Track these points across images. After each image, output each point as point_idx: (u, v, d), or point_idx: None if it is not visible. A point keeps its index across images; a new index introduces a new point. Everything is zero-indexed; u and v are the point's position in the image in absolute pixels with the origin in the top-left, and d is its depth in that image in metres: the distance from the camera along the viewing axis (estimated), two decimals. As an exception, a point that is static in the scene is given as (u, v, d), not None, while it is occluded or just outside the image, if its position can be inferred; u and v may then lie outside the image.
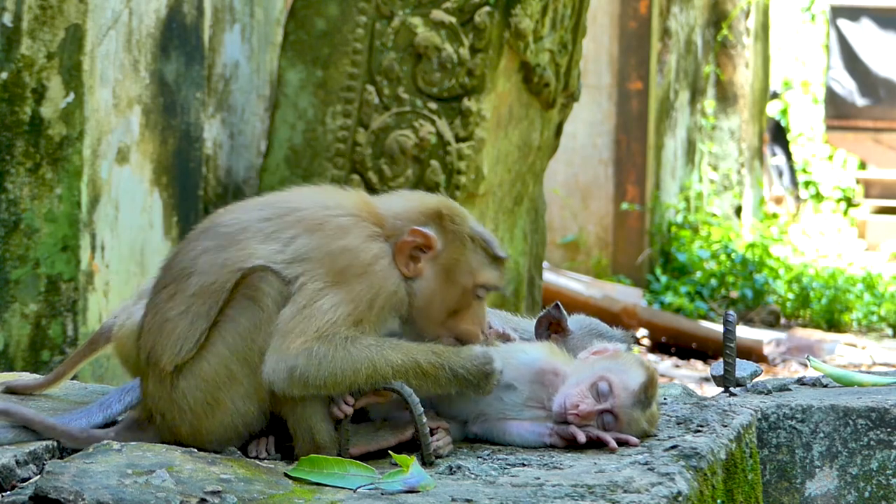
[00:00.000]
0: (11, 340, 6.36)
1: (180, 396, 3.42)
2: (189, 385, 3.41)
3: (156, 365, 3.44)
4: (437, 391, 3.44)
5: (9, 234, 6.37)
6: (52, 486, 3.04)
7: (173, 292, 3.45)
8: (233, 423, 3.43)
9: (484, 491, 3.19)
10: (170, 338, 3.42)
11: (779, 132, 23.89)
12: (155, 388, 3.46)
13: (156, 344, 3.44)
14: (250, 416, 3.44)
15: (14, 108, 6.37)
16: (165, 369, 3.43)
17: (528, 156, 7.80)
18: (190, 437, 3.44)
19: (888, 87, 21.70)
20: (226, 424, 3.43)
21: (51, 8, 6.36)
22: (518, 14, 7.21)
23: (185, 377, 3.42)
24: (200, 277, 3.42)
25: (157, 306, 3.47)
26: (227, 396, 3.41)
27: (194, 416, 3.43)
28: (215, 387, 3.41)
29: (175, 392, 3.43)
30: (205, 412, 3.42)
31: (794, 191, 23.77)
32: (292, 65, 7.36)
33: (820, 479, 4.29)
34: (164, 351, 3.43)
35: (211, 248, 3.46)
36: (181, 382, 3.42)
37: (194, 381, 3.42)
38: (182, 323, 3.41)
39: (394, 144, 7.24)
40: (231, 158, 8.12)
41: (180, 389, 3.42)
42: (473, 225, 3.59)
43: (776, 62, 24.28)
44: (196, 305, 3.41)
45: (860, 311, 14.43)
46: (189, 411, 3.42)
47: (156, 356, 3.44)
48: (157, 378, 3.45)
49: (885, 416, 4.26)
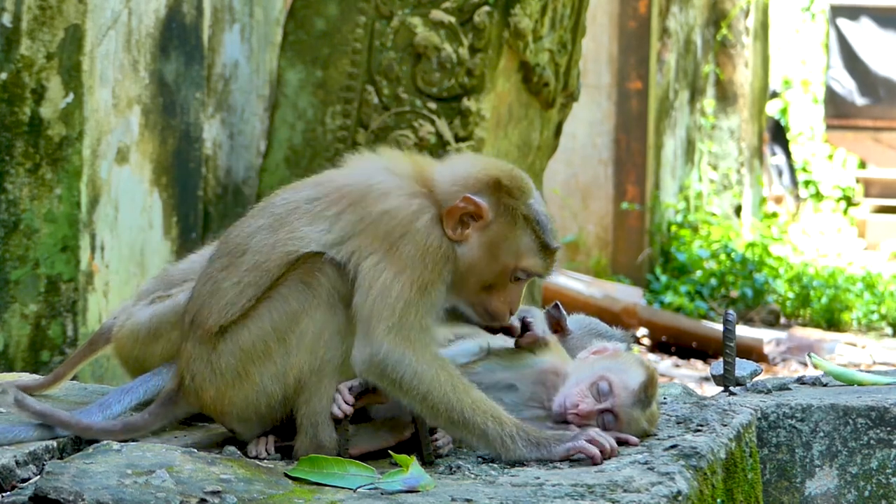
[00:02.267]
0: (11, 341, 6.36)
1: (216, 358, 3.45)
2: (226, 349, 3.44)
3: (200, 326, 3.46)
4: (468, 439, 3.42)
5: (8, 235, 6.37)
6: (52, 486, 3.04)
7: (227, 264, 3.48)
8: (256, 400, 3.45)
9: (484, 491, 3.19)
10: (219, 302, 3.45)
11: (778, 131, 23.89)
12: (193, 349, 3.47)
13: (203, 306, 3.47)
14: (273, 400, 3.45)
15: (14, 108, 6.37)
16: (210, 330, 3.45)
17: (527, 155, 7.80)
18: (213, 404, 3.47)
19: (888, 87, 21.70)
20: (249, 400, 3.45)
21: (50, 8, 6.36)
22: (517, 14, 7.21)
23: (224, 341, 3.44)
24: (254, 256, 3.45)
25: (211, 276, 3.50)
26: (257, 371, 3.43)
27: (223, 381, 3.44)
28: (249, 359, 3.43)
29: (213, 354, 3.45)
30: (233, 381, 3.44)
31: (794, 190, 23.77)
32: (292, 65, 7.36)
33: (820, 479, 4.29)
34: (212, 313, 3.45)
35: (264, 226, 3.47)
36: (220, 345, 3.44)
37: (232, 346, 3.44)
38: (232, 291, 3.45)
39: (393, 144, 7.24)
40: (231, 158, 8.12)
41: (218, 351, 3.45)
42: (534, 204, 3.49)
43: (776, 61, 24.28)
44: (248, 278, 3.44)
45: (860, 310, 14.43)
46: (220, 376, 3.44)
47: (202, 317, 3.46)
48: (197, 339, 3.47)
49: (884, 415, 4.26)
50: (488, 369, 3.62)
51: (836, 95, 21.86)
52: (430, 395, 3.32)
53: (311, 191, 3.49)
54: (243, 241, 3.48)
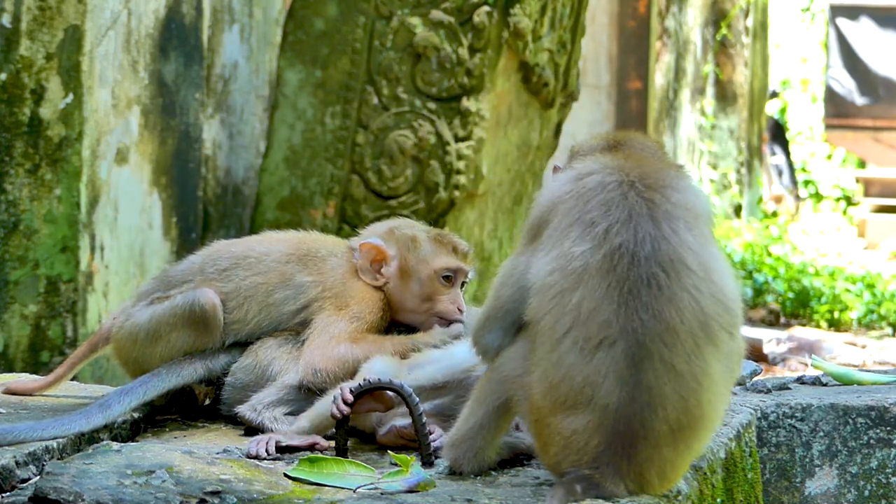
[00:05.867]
0: (11, 341, 6.36)
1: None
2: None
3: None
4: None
5: (8, 235, 6.37)
6: (52, 486, 3.04)
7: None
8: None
9: (484, 491, 3.19)
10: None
11: (778, 131, 23.89)
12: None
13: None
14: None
15: (13, 109, 6.37)
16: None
17: (527, 155, 7.80)
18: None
19: (888, 86, 21.70)
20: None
21: (49, 9, 6.36)
22: (517, 14, 7.21)
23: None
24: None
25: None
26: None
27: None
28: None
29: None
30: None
31: (794, 190, 23.78)
32: (291, 65, 7.36)
33: (820, 478, 4.29)
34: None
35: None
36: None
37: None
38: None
39: (393, 144, 7.24)
40: (230, 159, 8.12)
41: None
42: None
43: (775, 61, 24.28)
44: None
45: (860, 310, 14.43)
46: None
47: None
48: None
49: (884, 414, 4.26)
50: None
51: (836, 95, 21.86)
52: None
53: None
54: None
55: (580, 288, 3.08)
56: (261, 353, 3.89)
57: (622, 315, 3.06)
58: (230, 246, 4.06)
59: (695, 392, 3.06)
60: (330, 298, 3.88)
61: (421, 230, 4.02)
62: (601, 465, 3.04)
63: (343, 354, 3.77)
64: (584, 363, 3.05)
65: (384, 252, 3.95)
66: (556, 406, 3.06)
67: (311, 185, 7.31)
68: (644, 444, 3.04)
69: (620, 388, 3.03)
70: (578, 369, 3.05)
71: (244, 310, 3.90)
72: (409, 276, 3.94)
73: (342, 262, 3.95)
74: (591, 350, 3.05)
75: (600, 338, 3.05)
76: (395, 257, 3.96)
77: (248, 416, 3.79)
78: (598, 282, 3.08)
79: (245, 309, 3.90)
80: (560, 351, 3.06)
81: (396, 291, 3.95)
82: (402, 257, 3.95)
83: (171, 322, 3.89)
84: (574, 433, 3.04)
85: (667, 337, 3.05)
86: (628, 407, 3.03)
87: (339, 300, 3.87)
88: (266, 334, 3.92)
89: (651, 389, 3.04)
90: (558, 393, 3.06)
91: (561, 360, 3.06)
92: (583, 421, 3.03)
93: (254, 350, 3.91)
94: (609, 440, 3.03)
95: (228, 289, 3.92)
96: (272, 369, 3.86)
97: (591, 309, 3.06)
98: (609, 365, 3.03)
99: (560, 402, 3.06)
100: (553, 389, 3.07)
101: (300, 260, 3.95)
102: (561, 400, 3.05)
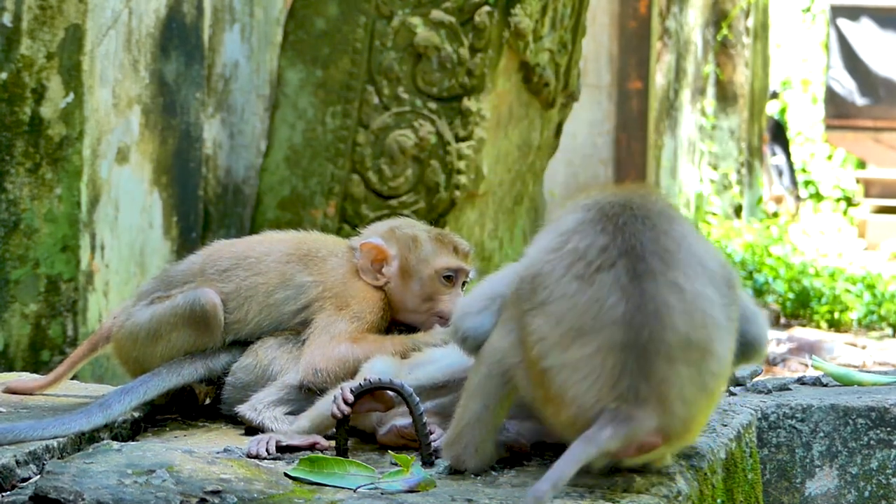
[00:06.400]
0: (11, 340, 6.36)
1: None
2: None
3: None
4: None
5: (9, 235, 6.37)
6: (52, 486, 3.04)
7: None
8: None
9: (484, 491, 3.19)
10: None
11: (778, 131, 23.90)
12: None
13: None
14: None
15: (14, 108, 6.37)
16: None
17: (527, 155, 7.80)
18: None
19: (888, 87, 21.70)
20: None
21: (50, 8, 6.36)
22: (518, 14, 7.21)
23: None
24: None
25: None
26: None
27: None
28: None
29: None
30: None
31: (794, 190, 23.78)
32: (292, 64, 7.36)
33: (820, 479, 4.29)
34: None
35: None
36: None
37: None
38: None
39: (393, 144, 7.24)
40: (231, 158, 8.12)
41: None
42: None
43: (776, 62, 24.28)
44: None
45: (860, 310, 14.43)
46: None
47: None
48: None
49: (884, 415, 4.26)
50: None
51: (836, 95, 21.87)
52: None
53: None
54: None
55: (574, 236, 3.14)
56: (261, 352, 3.89)
57: (619, 240, 3.11)
58: (231, 246, 4.06)
59: (699, 308, 3.08)
60: (330, 298, 3.88)
61: (422, 230, 4.02)
62: (621, 391, 3.01)
63: (343, 354, 3.78)
64: (586, 287, 3.06)
65: (385, 252, 3.95)
66: (563, 341, 3.06)
67: (312, 184, 7.31)
68: (657, 359, 3.02)
69: (626, 300, 3.05)
70: (581, 295, 3.06)
71: (245, 310, 3.90)
72: (410, 276, 3.94)
73: (343, 262, 3.95)
74: (591, 275, 3.07)
75: (599, 262, 3.08)
76: (395, 257, 3.95)
77: (249, 416, 3.79)
78: (591, 226, 3.14)
79: (245, 309, 3.90)
80: (561, 286, 3.09)
81: (397, 291, 3.94)
82: (402, 257, 3.95)
83: (171, 321, 3.89)
84: (587, 361, 3.03)
85: (665, 257, 3.10)
86: (636, 317, 3.03)
87: (340, 300, 3.87)
88: (266, 334, 3.92)
89: (655, 298, 3.05)
90: (563, 326, 3.06)
91: (564, 293, 3.08)
92: (593, 345, 3.03)
93: (254, 350, 3.91)
94: (623, 359, 3.01)
95: (229, 289, 3.92)
96: (272, 369, 3.86)
97: (588, 244, 3.11)
98: (611, 282, 3.06)
99: (567, 335, 3.05)
100: (558, 325, 3.07)
101: (301, 260, 3.95)
102: (567, 332, 3.05)
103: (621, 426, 3.01)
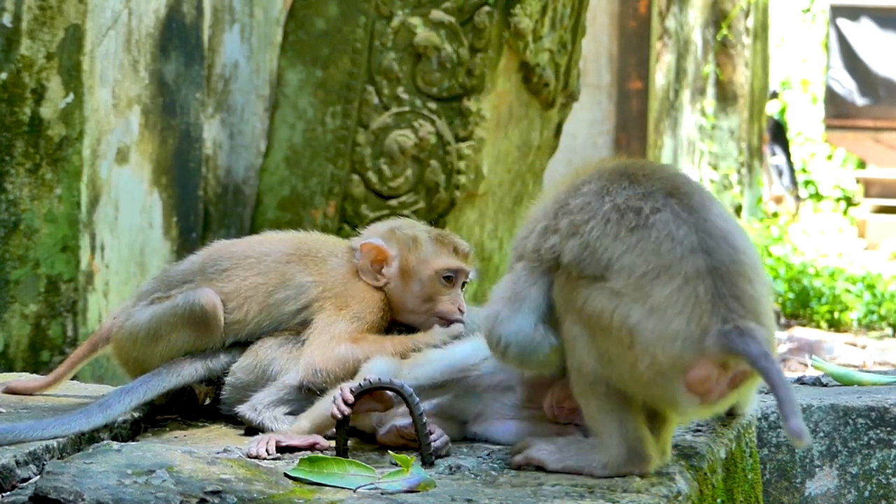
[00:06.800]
0: (11, 341, 6.36)
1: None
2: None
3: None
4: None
5: (9, 235, 6.37)
6: (52, 486, 3.04)
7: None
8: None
9: (484, 491, 3.19)
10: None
11: (778, 131, 23.89)
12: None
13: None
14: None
15: (14, 108, 6.37)
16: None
17: (527, 155, 7.80)
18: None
19: (888, 87, 21.70)
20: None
21: (50, 8, 6.36)
22: (517, 14, 7.21)
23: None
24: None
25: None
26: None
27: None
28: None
29: None
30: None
31: (794, 190, 23.77)
32: (292, 65, 7.36)
33: (820, 479, 4.29)
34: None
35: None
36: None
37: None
38: None
39: (393, 144, 7.24)
40: (231, 158, 8.12)
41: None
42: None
43: (776, 62, 24.28)
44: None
45: (860, 310, 14.42)
46: None
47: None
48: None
49: (884, 415, 4.26)
50: (487, 371, 3.62)
51: (836, 95, 21.86)
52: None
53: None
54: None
55: (603, 199, 3.26)
56: (261, 352, 3.89)
57: (656, 185, 3.26)
58: (231, 246, 4.06)
59: (745, 236, 3.25)
60: (330, 298, 3.88)
61: (422, 230, 4.01)
62: (723, 312, 3.09)
63: (343, 354, 3.78)
64: (646, 232, 3.17)
65: (385, 252, 3.95)
66: (642, 290, 3.11)
67: (312, 184, 7.31)
68: (741, 279, 3.13)
69: (694, 230, 3.16)
70: (644, 241, 3.15)
71: (244, 310, 3.90)
72: (410, 277, 3.93)
73: (343, 262, 3.95)
74: (645, 221, 3.19)
75: (647, 208, 3.21)
76: (395, 258, 3.95)
77: (249, 416, 3.79)
78: (617, 184, 3.27)
79: (245, 309, 3.90)
80: (619, 243, 3.17)
81: (397, 292, 3.94)
82: (402, 258, 3.95)
83: (171, 322, 3.89)
84: (677, 295, 3.10)
85: (703, 193, 3.28)
86: (709, 243, 3.15)
87: (340, 300, 3.87)
88: (266, 334, 3.92)
89: (717, 226, 3.20)
90: (636, 275, 3.12)
91: (626, 247, 3.16)
92: (678, 278, 3.11)
93: (254, 350, 3.91)
94: (712, 283, 3.11)
95: (229, 289, 3.92)
96: (272, 369, 3.86)
97: (624, 199, 3.24)
98: (671, 219, 3.18)
99: (643, 282, 3.12)
100: (629, 278, 3.13)
101: (301, 260, 3.95)
102: (642, 279, 3.12)
103: (754, 335, 3.07)
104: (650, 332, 3.09)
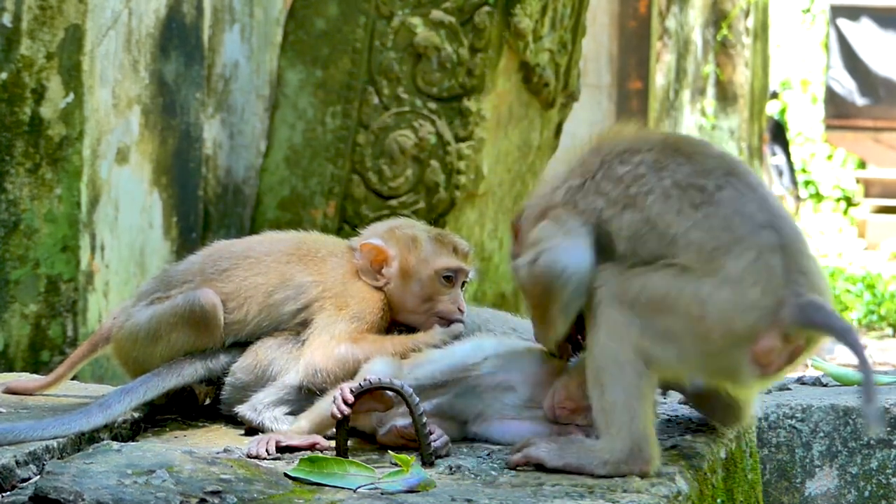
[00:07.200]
0: (11, 341, 6.36)
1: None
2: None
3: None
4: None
5: (9, 235, 6.37)
6: (52, 486, 3.04)
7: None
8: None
9: (484, 491, 3.19)
10: None
11: (778, 132, 23.89)
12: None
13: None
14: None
15: (14, 108, 6.37)
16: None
17: (527, 155, 7.80)
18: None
19: (888, 87, 21.70)
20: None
21: (50, 8, 6.36)
22: (518, 14, 7.21)
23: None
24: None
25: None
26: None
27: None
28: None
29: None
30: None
31: (794, 190, 23.78)
32: (292, 65, 7.36)
33: (820, 479, 4.29)
34: None
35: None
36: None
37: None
38: None
39: (393, 144, 7.24)
40: (231, 158, 8.11)
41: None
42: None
43: (776, 62, 24.28)
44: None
45: (860, 310, 14.43)
46: None
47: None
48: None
49: (884, 415, 4.26)
50: (488, 371, 3.62)
51: (836, 95, 21.87)
52: None
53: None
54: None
55: (659, 174, 3.30)
56: (261, 353, 3.89)
57: (712, 162, 3.32)
58: (231, 246, 4.06)
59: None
60: (330, 298, 3.88)
61: (421, 230, 4.01)
62: (794, 285, 3.18)
63: (343, 354, 3.78)
64: (713, 209, 3.23)
65: (385, 252, 3.95)
66: (713, 263, 3.17)
67: (312, 184, 7.31)
68: (802, 256, 3.25)
69: (761, 207, 3.24)
70: (712, 217, 3.22)
71: (244, 310, 3.90)
72: (410, 277, 3.93)
73: (343, 262, 3.95)
74: (709, 197, 3.24)
75: (709, 185, 3.27)
76: (395, 257, 3.95)
77: (249, 416, 3.79)
78: (671, 160, 3.33)
79: (245, 309, 3.90)
80: (683, 220, 3.23)
81: (397, 292, 3.94)
82: (402, 258, 3.94)
83: (171, 322, 3.89)
84: (752, 266, 3.16)
85: (753, 172, 3.37)
86: (775, 221, 3.24)
87: (340, 300, 3.87)
88: (266, 334, 3.92)
89: (777, 204, 3.30)
90: (707, 250, 3.18)
91: (692, 222, 3.22)
92: (752, 251, 3.18)
93: (254, 350, 3.91)
94: (783, 257, 3.20)
95: (229, 289, 3.92)
96: (272, 369, 3.86)
97: (684, 176, 3.29)
98: (738, 195, 3.26)
99: (715, 256, 3.17)
100: (700, 253, 3.17)
101: (301, 260, 3.95)
102: (713, 253, 3.18)
103: (823, 307, 3.18)
104: (725, 303, 3.15)
